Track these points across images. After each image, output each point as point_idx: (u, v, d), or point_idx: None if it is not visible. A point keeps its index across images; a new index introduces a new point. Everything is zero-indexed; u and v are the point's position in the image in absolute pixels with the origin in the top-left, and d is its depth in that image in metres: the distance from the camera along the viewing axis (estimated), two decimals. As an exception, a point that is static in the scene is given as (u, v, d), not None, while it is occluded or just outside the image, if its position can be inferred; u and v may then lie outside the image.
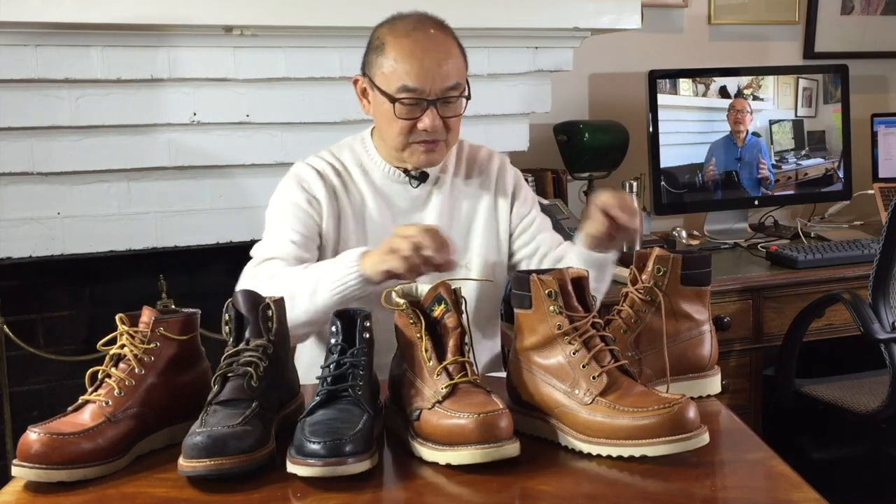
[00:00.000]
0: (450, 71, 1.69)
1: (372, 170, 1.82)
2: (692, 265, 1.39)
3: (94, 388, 1.26)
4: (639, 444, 1.15)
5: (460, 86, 1.71)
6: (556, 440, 1.24)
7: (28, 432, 1.17)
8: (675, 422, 1.15)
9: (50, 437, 1.16)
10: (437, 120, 1.69)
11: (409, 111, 1.69)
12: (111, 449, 1.20)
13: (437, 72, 1.67)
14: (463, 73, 1.73)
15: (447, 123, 1.71)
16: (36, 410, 2.57)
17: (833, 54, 3.42)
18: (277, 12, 2.32)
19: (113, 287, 2.61)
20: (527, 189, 1.94)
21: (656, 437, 1.15)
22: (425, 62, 1.67)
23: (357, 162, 1.83)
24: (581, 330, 1.24)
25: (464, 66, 1.74)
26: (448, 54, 1.70)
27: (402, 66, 1.67)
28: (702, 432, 1.16)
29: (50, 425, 1.19)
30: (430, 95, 1.68)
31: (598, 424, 1.18)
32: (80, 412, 1.23)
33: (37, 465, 1.15)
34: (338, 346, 1.26)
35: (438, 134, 1.71)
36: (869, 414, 2.36)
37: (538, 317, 1.26)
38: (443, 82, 1.68)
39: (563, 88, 2.96)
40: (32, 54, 2.21)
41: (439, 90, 1.68)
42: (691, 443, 1.15)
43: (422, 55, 1.67)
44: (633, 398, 1.19)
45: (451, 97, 1.70)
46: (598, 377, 1.21)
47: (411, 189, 1.81)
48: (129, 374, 1.26)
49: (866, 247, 2.71)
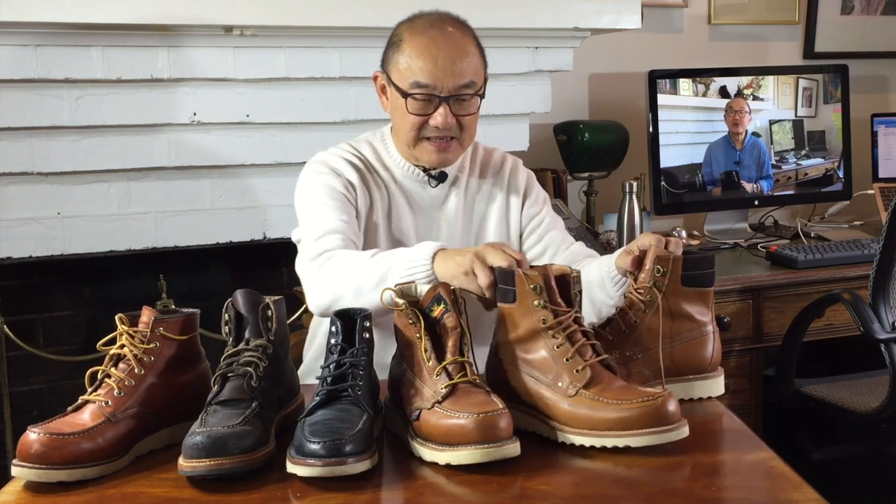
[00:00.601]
0: (464, 69, 1.69)
1: (392, 167, 1.82)
2: (693, 266, 1.39)
3: (94, 388, 1.26)
4: (622, 434, 1.18)
5: (475, 84, 1.71)
6: (540, 431, 1.26)
7: (28, 432, 1.17)
8: (657, 414, 1.18)
9: (50, 437, 1.16)
10: (449, 117, 1.69)
11: (422, 107, 1.69)
12: (111, 449, 1.20)
13: (451, 69, 1.67)
14: (480, 72, 1.73)
15: (461, 122, 1.71)
16: (36, 410, 2.57)
17: (833, 54, 3.42)
18: (277, 12, 2.32)
19: (113, 287, 2.61)
20: (539, 190, 1.93)
21: (639, 429, 1.18)
22: (439, 59, 1.67)
23: (377, 157, 1.82)
24: (564, 324, 1.26)
25: (481, 65, 1.75)
26: (463, 52, 1.70)
27: (417, 63, 1.68)
28: (682, 425, 1.19)
29: (50, 425, 1.19)
30: (443, 92, 1.68)
31: (582, 415, 1.20)
32: (79, 412, 1.23)
33: (37, 465, 1.15)
34: (338, 346, 1.26)
35: (451, 131, 1.71)
36: (869, 414, 2.36)
37: (522, 311, 1.27)
38: (456, 80, 1.68)
39: (563, 88, 2.96)
40: (32, 54, 2.21)
41: (452, 87, 1.68)
42: (672, 435, 1.18)
43: (436, 52, 1.68)
44: (615, 391, 1.21)
45: (464, 95, 1.70)
46: (582, 370, 1.23)
47: (430, 189, 1.81)
48: (128, 374, 1.26)
49: (866, 247, 2.71)
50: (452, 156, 1.76)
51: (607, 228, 2.96)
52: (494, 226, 1.86)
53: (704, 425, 1.28)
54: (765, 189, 3.09)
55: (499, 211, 1.86)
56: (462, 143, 1.75)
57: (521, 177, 1.90)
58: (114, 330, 1.29)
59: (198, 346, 1.37)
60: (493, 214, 1.86)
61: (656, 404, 1.18)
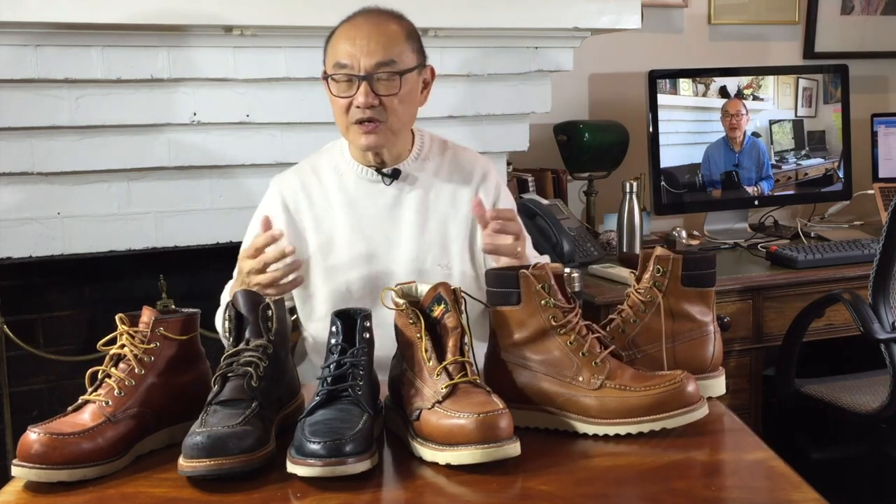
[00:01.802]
0: (381, 47, 1.70)
1: (346, 172, 1.84)
2: (694, 266, 1.39)
3: (94, 387, 1.26)
4: (655, 419, 1.23)
5: (395, 64, 1.72)
6: (556, 426, 1.28)
7: (28, 432, 1.17)
8: (682, 396, 1.23)
9: (50, 437, 1.16)
10: (369, 96, 1.70)
11: (344, 88, 1.73)
12: (111, 449, 1.20)
13: (367, 48, 1.70)
14: (404, 55, 1.73)
15: (384, 103, 1.72)
16: (36, 410, 2.57)
17: (833, 54, 3.42)
18: (277, 12, 2.32)
19: (113, 287, 2.61)
20: (505, 198, 1.92)
21: (668, 412, 1.23)
22: (357, 40, 1.71)
23: (333, 166, 1.86)
24: (573, 321, 1.29)
25: (408, 49, 1.75)
26: (383, 33, 1.72)
27: (338, 46, 1.73)
28: (703, 403, 1.27)
29: (50, 425, 1.19)
30: (360, 71, 1.70)
31: (613, 406, 1.24)
32: (80, 412, 1.23)
33: (37, 465, 1.15)
34: (338, 346, 1.26)
35: (374, 113, 1.71)
36: (869, 414, 2.36)
37: (528, 311, 1.29)
38: (372, 58, 1.70)
39: (563, 88, 2.96)
40: (32, 54, 2.21)
41: (369, 66, 1.70)
42: (697, 413, 1.25)
43: (355, 34, 1.72)
44: (636, 379, 1.26)
45: (381, 73, 1.71)
46: (601, 363, 1.26)
47: (386, 188, 1.82)
48: (129, 374, 1.26)
49: (866, 247, 2.70)
50: (381, 139, 1.75)
51: (607, 228, 2.96)
52: (461, 227, 1.85)
53: (704, 425, 1.28)
54: (765, 189, 3.09)
55: (459, 212, 1.85)
56: (391, 127, 1.75)
57: (489, 183, 1.89)
58: (114, 330, 1.29)
59: (198, 345, 1.37)
60: (461, 215, 1.85)
61: (681, 386, 1.23)
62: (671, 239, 2.82)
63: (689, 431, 1.25)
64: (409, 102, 1.76)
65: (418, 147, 1.85)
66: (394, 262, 1.81)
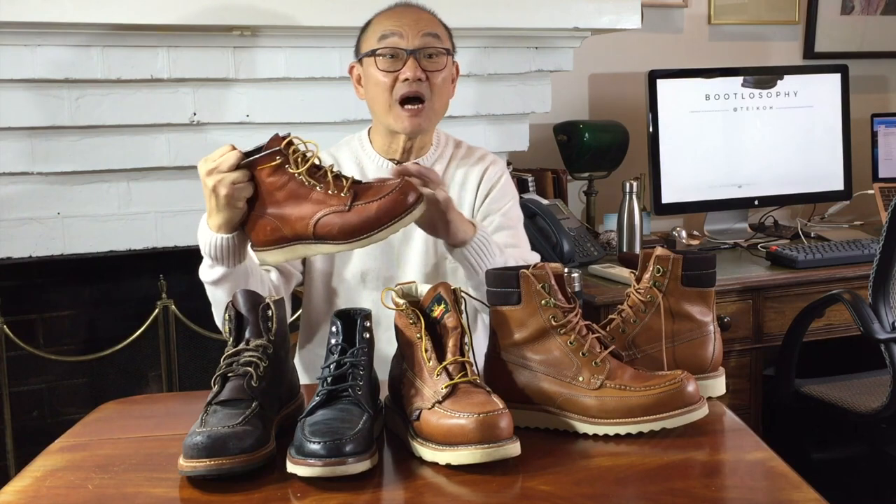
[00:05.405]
0: (425, 23, 1.73)
1: (366, 164, 1.84)
2: (694, 266, 1.39)
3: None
4: (655, 419, 1.23)
5: (441, 38, 1.74)
6: (556, 426, 1.28)
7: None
8: (682, 396, 1.24)
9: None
10: (418, 71, 1.70)
11: (391, 63, 1.72)
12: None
13: (415, 25, 1.72)
14: (445, 38, 1.77)
15: (431, 81, 1.73)
16: (36, 410, 2.57)
17: (833, 54, 3.42)
18: (277, 12, 2.32)
19: (113, 287, 2.61)
20: (506, 191, 1.90)
21: (668, 412, 1.23)
22: (403, 17, 1.74)
23: (353, 158, 1.86)
24: (573, 321, 1.29)
25: (444, 33, 1.78)
26: (424, 15, 1.76)
27: (382, 23, 1.75)
28: (703, 403, 1.26)
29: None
30: (409, 44, 1.71)
31: (612, 406, 1.24)
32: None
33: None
34: (338, 346, 1.26)
35: (421, 88, 1.72)
36: (869, 414, 2.36)
37: (528, 311, 1.29)
38: (420, 29, 1.71)
39: (563, 88, 2.97)
40: (32, 54, 2.21)
41: (418, 37, 1.71)
42: (697, 413, 1.25)
43: (400, 12, 1.76)
44: (636, 379, 1.25)
45: (430, 48, 1.72)
46: (601, 363, 1.26)
47: None
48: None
49: (866, 247, 2.70)
50: (425, 122, 1.76)
51: (607, 228, 2.96)
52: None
53: (704, 425, 1.28)
54: (765, 189, 3.08)
55: (463, 209, 1.84)
56: (434, 108, 1.76)
57: (491, 173, 1.89)
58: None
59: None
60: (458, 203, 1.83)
61: (681, 386, 1.23)
62: (671, 239, 2.82)
63: (689, 431, 1.25)
64: (447, 87, 1.79)
65: (435, 143, 1.87)
66: (406, 253, 1.82)
